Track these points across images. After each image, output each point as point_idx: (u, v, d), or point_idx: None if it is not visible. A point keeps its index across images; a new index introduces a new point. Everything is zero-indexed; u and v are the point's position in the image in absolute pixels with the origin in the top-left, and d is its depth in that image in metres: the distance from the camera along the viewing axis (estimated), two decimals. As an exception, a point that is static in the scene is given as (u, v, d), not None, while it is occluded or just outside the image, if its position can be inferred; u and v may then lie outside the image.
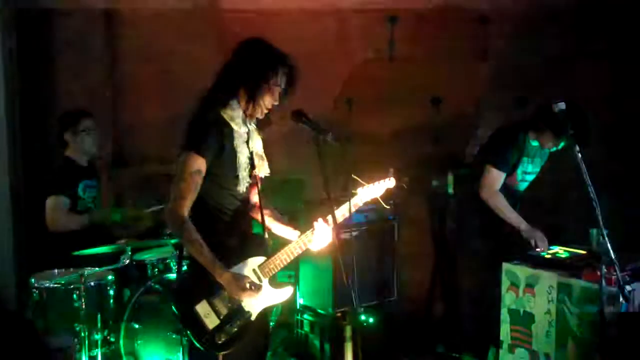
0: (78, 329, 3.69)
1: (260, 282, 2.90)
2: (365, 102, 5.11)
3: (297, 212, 4.26)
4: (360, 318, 4.24)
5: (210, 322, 2.79)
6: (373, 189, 3.10)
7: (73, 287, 3.74)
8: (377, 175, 3.15)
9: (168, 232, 4.08)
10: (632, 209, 4.42)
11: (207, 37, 5.23)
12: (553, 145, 3.95)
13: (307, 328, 4.39)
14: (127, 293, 4.11)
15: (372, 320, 4.40)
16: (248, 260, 2.91)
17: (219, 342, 2.79)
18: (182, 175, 2.77)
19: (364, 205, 3.12)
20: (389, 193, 3.16)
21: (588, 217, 3.18)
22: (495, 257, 3.75)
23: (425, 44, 4.98)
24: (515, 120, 4.15)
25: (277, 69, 2.84)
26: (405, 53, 5.04)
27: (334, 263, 4.11)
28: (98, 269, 3.89)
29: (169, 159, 5.16)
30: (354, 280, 2.76)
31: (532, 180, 4.19)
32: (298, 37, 5.09)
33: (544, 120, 3.89)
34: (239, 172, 2.87)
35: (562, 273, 3.37)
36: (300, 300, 4.46)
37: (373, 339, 4.32)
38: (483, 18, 4.95)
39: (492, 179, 3.97)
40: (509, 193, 4.03)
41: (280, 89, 2.87)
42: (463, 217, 4.34)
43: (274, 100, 2.88)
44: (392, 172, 3.18)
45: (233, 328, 2.82)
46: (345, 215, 3.01)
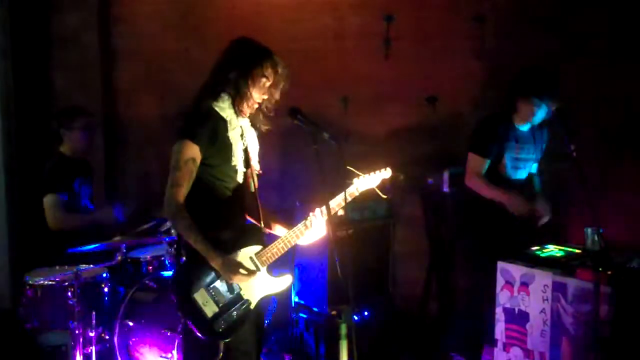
0: (72, 327, 3.68)
1: (258, 270, 2.93)
2: (361, 100, 5.10)
3: (293, 210, 4.25)
4: (355, 316, 4.24)
5: (209, 310, 2.82)
6: (369, 179, 3.15)
7: (67, 284, 3.73)
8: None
9: (163, 229, 4.08)
10: (632, 209, 4.42)
11: (202, 35, 5.22)
12: (532, 114, 3.93)
13: (302, 326, 4.39)
14: (121, 290, 4.10)
15: (367, 319, 4.40)
16: (244, 249, 2.95)
17: (219, 329, 2.82)
18: (177, 164, 2.83)
19: (361, 196, 3.15)
20: (385, 184, 3.19)
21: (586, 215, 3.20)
22: (490, 255, 3.75)
23: (422, 43, 4.98)
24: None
25: (261, 64, 2.91)
26: (401, 51, 5.03)
27: (329, 261, 4.12)
28: (92, 266, 3.89)
29: (164, 157, 5.21)
30: (349, 278, 2.76)
31: (532, 168, 4.18)
32: (294, 35, 5.09)
33: (511, 92, 3.97)
34: (235, 162, 2.92)
35: (557, 272, 3.38)
36: (295, 299, 4.46)
37: (368, 337, 4.33)
38: (479, 17, 4.95)
39: (472, 165, 4.02)
40: (502, 180, 4.03)
41: (267, 84, 2.93)
42: (458, 215, 4.34)
43: (262, 95, 2.94)
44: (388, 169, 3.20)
45: (232, 316, 2.85)
46: (342, 205, 3.05)
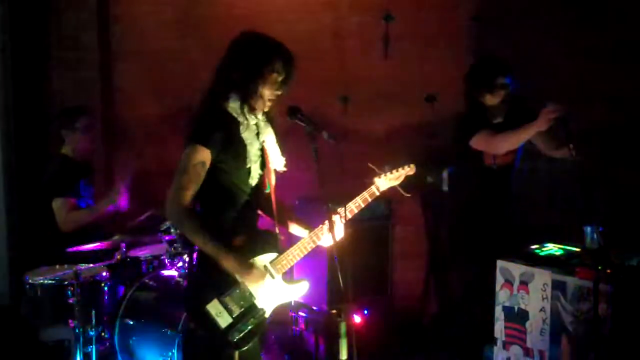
0: (72, 326, 3.68)
1: (273, 278, 2.88)
2: (361, 99, 5.11)
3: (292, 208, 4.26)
4: (355, 315, 4.24)
5: (223, 320, 2.75)
6: (392, 177, 3.03)
7: (67, 283, 3.73)
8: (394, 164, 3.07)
9: (163, 228, 4.08)
10: (631, 209, 4.43)
11: (202, 34, 5.22)
12: (495, 96, 3.89)
13: (301, 325, 4.39)
14: (121, 289, 4.10)
15: (366, 318, 4.40)
16: (259, 257, 2.88)
17: (233, 340, 2.76)
18: (185, 167, 2.75)
19: (381, 195, 3.04)
20: (408, 181, 3.08)
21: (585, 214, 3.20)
22: (489, 254, 3.75)
23: (421, 42, 4.99)
24: None
25: (271, 60, 2.80)
26: (401, 51, 5.04)
27: (329, 260, 4.12)
28: (92, 265, 3.89)
29: (164, 157, 5.21)
30: (349, 278, 2.75)
31: (520, 154, 4.09)
32: (293, 34, 5.05)
33: (467, 86, 3.99)
34: (250, 164, 2.84)
35: (556, 270, 3.38)
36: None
37: (368, 336, 4.33)
38: (478, 16, 4.96)
39: (484, 141, 3.86)
40: (490, 173, 3.97)
41: (278, 79, 2.82)
42: (457, 214, 4.34)
43: (274, 91, 2.84)
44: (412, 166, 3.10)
45: (247, 325, 2.78)
46: (361, 207, 2.98)
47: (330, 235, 2.81)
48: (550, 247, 3.72)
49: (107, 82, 5.39)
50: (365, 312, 4.44)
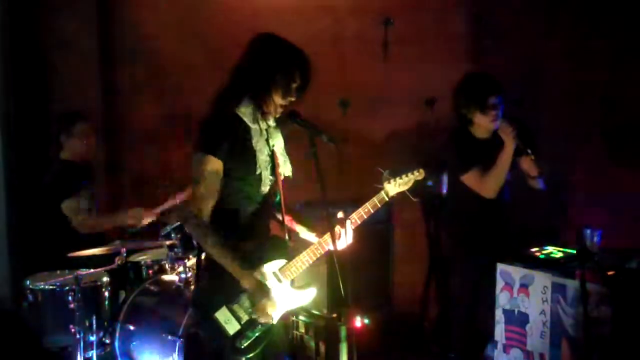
0: (73, 331, 3.69)
1: (281, 283, 2.85)
2: (360, 103, 5.12)
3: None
4: (355, 319, 4.24)
5: (231, 327, 2.73)
6: (401, 183, 2.99)
7: (68, 288, 3.73)
8: (402, 168, 3.03)
9: (164, 233, 4.08)
10: (631, 209, 4.44)
11: (200, 38, 5.23)
12: (486, 116, 3.84)
13: (302, 329, 4.39)
14: (122, 294, 4.11)
15: (367, 321, 4.40)
16: (268, 264, 2.84)
17: (241, 347, 2.74)
18: (198, 178, 2.70)
19: (390, 200, 3.00)
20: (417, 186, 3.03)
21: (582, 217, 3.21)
22: (490, 257, 3.75)
23: (420, 46, 4.99)
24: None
25: (286, 66, 2.76)
26: (400, 54, 5.05)
27: (329, 264, 4.12)
28: (93, 270, 3.89)
29: (165, 159, 5.22)
30: (349, 281, 2.75)
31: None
32: (293, 38, 5.07)
33: (456, 101, 3.94)
34: (260, 170, 2.79)
35: (556, 273, 3.38)
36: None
37: (368, 340, 4.32)
38: (476, 18, 4.97)
39: (474, 182, 3.91)
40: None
41: (293, 86, 2.78)
42: (456, 217, 4.34)
43: (287, 97, 2.79)
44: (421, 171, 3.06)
45: (255, 332, 2.76)
46: (370, 212, 2.94)
47: (337, 241, 2.82)
48: (550, 250, 3.73)
49: (107, 85, 5.39)
50: (366, 315, 4.43)
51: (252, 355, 2.77)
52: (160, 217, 4.38)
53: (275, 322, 2.85)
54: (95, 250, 3.92)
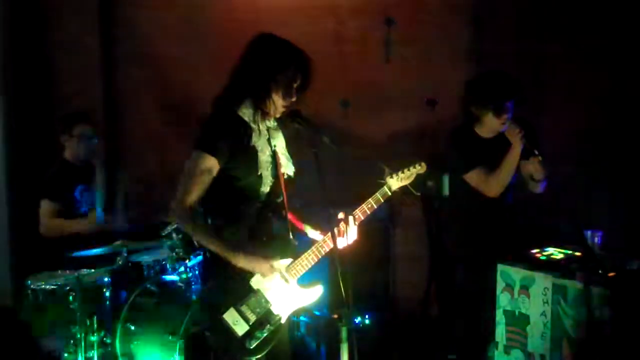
0: (74, 331, 3.69)
1: (288, 283, 2.86)
2: (362, 103, 5.12)
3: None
4: (356, 319, 4.25)
5: (240, 328, 2.75)
6: (403, 177, 2.99)
7: (69, 288, 3.74)
8: (403, 162, 3.02)
9: (165, 233, 4.08)
10: (630, 210, 4.44)
11: (203, 38, 5.23)
12: (499, 118, 3.80)
13: (303, 330, 4.39)
14: (123, 294, 4.11)
15: (368, 322, 4.40)
16: (275, 263, 2.84)
17: (250, 347, 2.75)
18: (190, 172, 2.73)
19: (393, 195, 2.99)
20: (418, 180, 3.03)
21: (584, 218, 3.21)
22: (490, 257, 3.75)
23: (422, 47, 5.00)
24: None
25: (286, 66, 2.77)
26: (402, 55, 5.05)
27: (330, 264, 4.11)
28: (94, 270, 3.90)
29: (166, 161, 5.22)
30: (350, 281, 2.75)
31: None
32: (294, 39, 5.08)
33: (468, 97, 3.88)
34: (261, 170, 2.81)
35: (557, 274, 3.38)
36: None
37: (369, 341, 4.33)
38: (478, 19, 4.97)
39: (478, 181, 3.94)
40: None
41: (293, 86, 2.79)
42: (457, 218, 4.34)
43: (288, 97, 2.80)
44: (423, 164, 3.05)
45: (263, 332, 2.77)
46: (374, 208, 2.95)
47: (340, 239, 2.83)
48: (551, 251, 3.72)
49: (109, 87, 5.40)
50: (367, 316, 4.44)
51: (260, 356, 2.79)
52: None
53: (284, 321, 2.86)
54: (97, 251, 3.92)
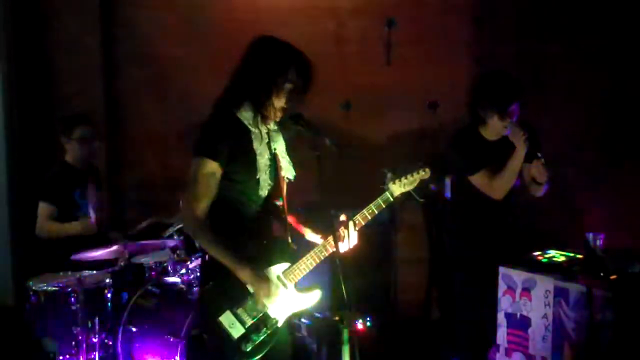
0: (75, 332, 3.69)
1: (286, 287, 2.86)
2: (363, 105, 5.12)
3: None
4: (357, 321, 4.24)
5: (236, 331, 2.74)
6: (406, 182, 2.94)
7: (71, 290, 3.74)
8: (408, 167, 2.96)
9: (166, 235, 4.08)
10: (632, 212, 4.44)
11: (203, 40, 5.23)
12: (503, 121, 3.77)
13: (304, 332, 4.39)
14: (124, 296, 4.11)
15: (369, 324, 4.40)
16: (272, 267, 2.85)
17: (246, 350, 2.74)
18: (195, 178, 2.71)
19: (395, 200, 2.95)
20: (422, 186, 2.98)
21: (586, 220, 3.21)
22: (492, 260, 3.75)
23: (423, 48, 5.00)
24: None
25: (286, 69, 2.74)
26: (403, 57, 5.05)
27: (331, 266, 4.11)
28: (95, 272, 3.90)
29: (167, 163, 5.22)
30: (351, 284, 2.75)
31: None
32: (295, 40, 5.08)
33: (474, 99, 3.84)
34: (260, 174, 2.79)
35: (558, 277, 3.38)
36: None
37: (370, 343, 4.33)
38: (479, 21, 4.97)
39: (483, 183, 3.93)
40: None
41: (293, 89, 2.76)
42: (459, 220, 4.34)
43: (287, 100, 2.78)
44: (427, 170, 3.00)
45: (260, 336, 2.77)
46: (374, 214, 2.91)
47: (340, 243, 2.80)
48: (553, 253, 3.72)
49: (109, 87, 5.40)
50: (368, 318, 4.43)
51: (257, 359, 2.78)
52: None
53: (281, 324, 2.85)
54: (99, 253, 3.92)
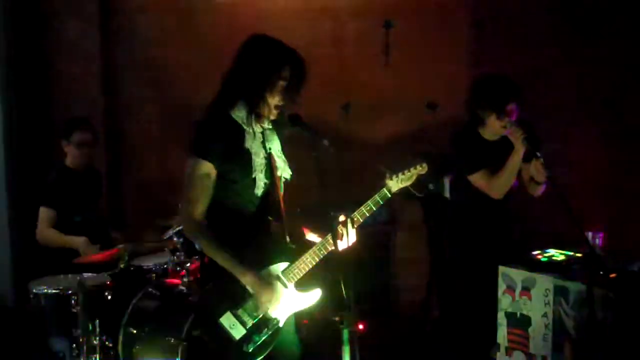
0: (76, 335, 3.69)
1: (286, 287, 2.87)
2: (361, 107, 5.13)
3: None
4: (357, 322, 4.24)
5: (237, 332, 2.75)
6: (403, 178, 2.94)
7: (71, 292, 3.74)
8: (405, 163, 2.98)
9: (166, 237, 4.09)
10: (633, 212, 4.44)
11: (203, 42, 5.24)
12: (501, 121, 3.78)
13: (304, 332, 4.39)
14: (125, 298, 4.11)
15: (369, 324, 4.40)
16: (271, 267, 2.86)
17: (248, 351, 2.75)
18: (190, 181, 2.72)
19: (393, 197, 2.96)
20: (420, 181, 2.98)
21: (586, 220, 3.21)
22: (491, 259, 3.75)
23: (422, 49, 5.00)
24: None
25: (279, 67, 2.74)
26: (402, 58, 5.06)
27: (331, 267, 4.12)
28: (96, 275, 3.90)
29: (166, 166, 5.23)
30: (351, 284, 2.75)
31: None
32: (294, 42, 5.09)
33: (472, 101, 3.87)
34: (255, 174, 2.80)
35: (558, 276, 3.38)
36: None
37: (370, 343, 4.33)
38: (478, 22, 4.98)
39: (482, 183, 3.94)
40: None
41: (287, 87, 2.76)
42: (458, 220, 4.35)
43: (281, 98, 2.78)
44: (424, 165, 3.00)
45: (262, 336, 2.77)
46: (372, 210, 2.92)
47: (340, 242, 2.81)
48: (552, 252, 3.73)
49: (109, 91, 5.41)
50: (368, 318, 4.43)
51: (259, 359, 2.79)
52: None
53: (282, 324, 2.86)
54: (99, 256, 3.93)
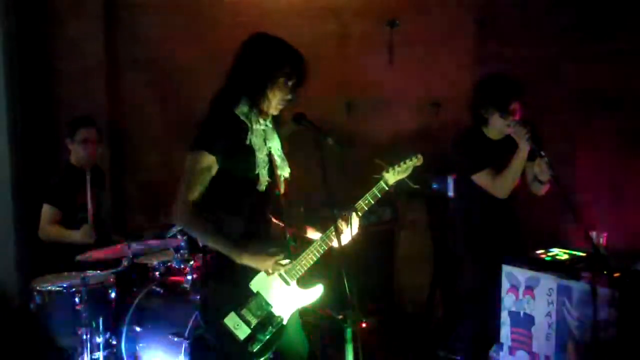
0: (80, 332, 3.70)
1: (288, 284, 2.88)
2: (365, 105, 5.13)
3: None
4: (361, 320, 4.24)
5: (242, 332, 2.76)
6: (400, 170, 3.00)
7: (75, 290, 3.75)
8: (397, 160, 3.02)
9: (170, 234, 4.09)
10: (635, 211, 4.43)
11: (206, 42, 5.25)
12: (505, 119, 3.77)
13: (307, 330, 4.39)
14: (128, 296, 4.11)
15: (372, 322, 4.41)
16: (278, 260, 2.85)
17: (253, 350, 2.76)
18: (189, 171, 2.75)
19: (390, 189, 3.00)
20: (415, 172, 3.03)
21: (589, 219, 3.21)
22: (495, 258, 3.76)
23: (425, 48, 5.00)
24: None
25: (281, 63, 2.78)
26: (405, 57, 5.06)
27: (335, 265, 4.12)
28: (100, 272, 3.91)
29: (170, 165, 5.23)
30: (355, 282, 2.76)
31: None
32: (298, 41, 5.09)
33: (475, 100, 3.86)
34: (258, 170, 2.81)
35: (562, 275, 3.38)
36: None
37: (373, 341, 4.34)
38: (481, 21, 4.97)
39: (487, 182, 3.93)
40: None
41: (288, 84, 2.79)
42: (461, 219, 4.35)
43: (284, 96, 2.81)
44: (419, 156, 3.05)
45: (266, 335, 2.78)
46: (371, 204, 2.95)
47: (341, 236, 2.81)
48: (556, 251, 3.73)
49: (113, 91, 5.42)
50: (371, 316, 4.44)
51: (264, 358, 2.80)
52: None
53: (286, 322, 2.87)
54: (103, 254, 3.93)
